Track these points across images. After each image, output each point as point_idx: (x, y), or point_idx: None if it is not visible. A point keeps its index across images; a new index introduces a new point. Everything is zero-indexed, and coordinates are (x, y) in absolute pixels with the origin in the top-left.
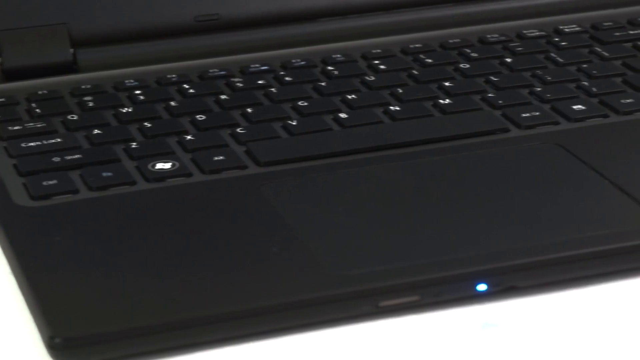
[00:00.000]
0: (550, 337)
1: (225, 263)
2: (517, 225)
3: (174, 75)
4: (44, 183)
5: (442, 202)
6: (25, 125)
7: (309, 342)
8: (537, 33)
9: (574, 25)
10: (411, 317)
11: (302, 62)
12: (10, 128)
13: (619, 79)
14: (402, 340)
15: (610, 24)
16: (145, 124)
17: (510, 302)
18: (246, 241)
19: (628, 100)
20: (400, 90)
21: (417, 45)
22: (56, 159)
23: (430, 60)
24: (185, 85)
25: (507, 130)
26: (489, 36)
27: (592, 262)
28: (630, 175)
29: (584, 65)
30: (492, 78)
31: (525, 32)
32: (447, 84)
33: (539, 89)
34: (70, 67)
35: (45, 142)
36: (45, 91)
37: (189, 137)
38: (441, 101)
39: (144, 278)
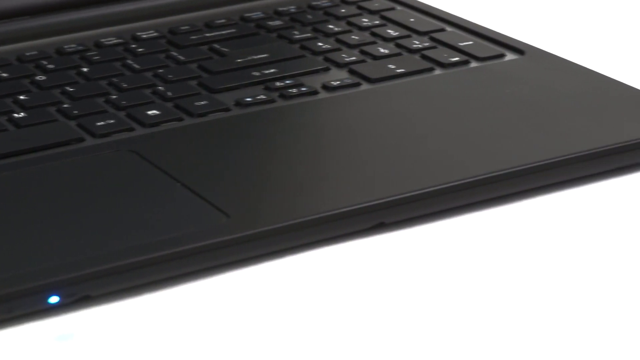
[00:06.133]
0: (129, 344)
1: None
2: (90, 234)
3: None
4: None
5: (16, 216)
6: None
7: None
8: (115, 41)
9: (152, 31)
10: None
11: None
12: None
13: (194, 82)
14: None
15: (187, 27)
16: None
17: (86, 312)
18: None
19: (202, 103)
20: None
21: None
22: None
23: (5, 75)
24: None
25: (82, 140)
26: (66, 47)
27: (167, 264)
28: (201, 176)
29: (160, 71)
30: (68, 89)
31: (102, 40)
32: (22, 97)
33: (115, 96)
34: None
35: None
36: None
37: None
38: (16, 115)
39: None
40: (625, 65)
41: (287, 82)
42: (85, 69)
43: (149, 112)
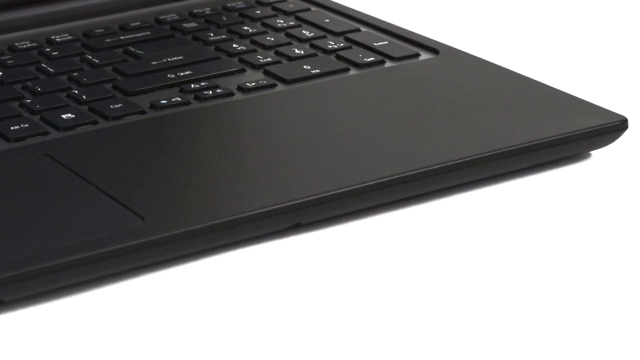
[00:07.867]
0: (44, 349)
1: None
2: (4, 238)
3: None
4: None
5: None
6: None
7: None
8: (29, 44)
9: (66, 35)
10: None
11: None
12: None
13: (109, 85)
14: None
15: (102, 30)
16: None
17: (0, 317)
18: None
19: (117, 105)
20: None
21: None
22: None
23: None
24: None
25: None
26: None
27: (82, 268)
28: (116, 180)
29: (75, 74)
30: None
31: (16, 44)
32: None
33: (29, 100)
34: None
35: None
36: None
37: None
38: None
39: None
40: (539, 63)
41: (203, 84)
42: None
43: (64, 116)
